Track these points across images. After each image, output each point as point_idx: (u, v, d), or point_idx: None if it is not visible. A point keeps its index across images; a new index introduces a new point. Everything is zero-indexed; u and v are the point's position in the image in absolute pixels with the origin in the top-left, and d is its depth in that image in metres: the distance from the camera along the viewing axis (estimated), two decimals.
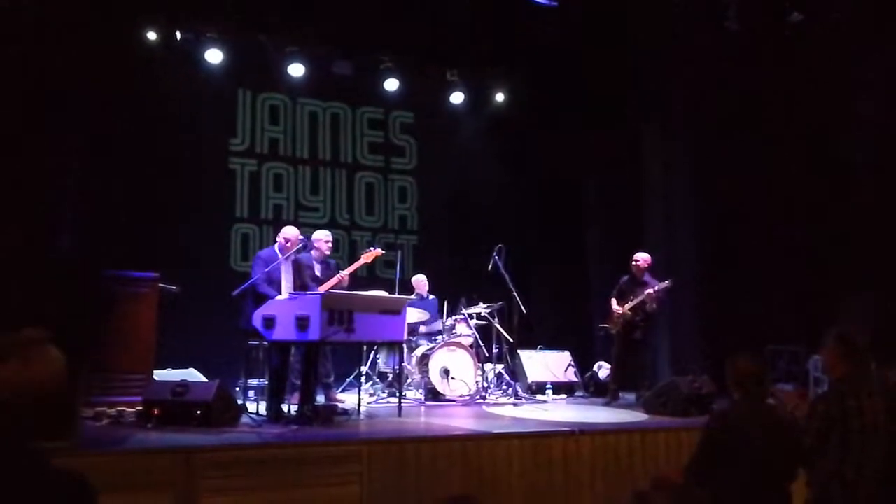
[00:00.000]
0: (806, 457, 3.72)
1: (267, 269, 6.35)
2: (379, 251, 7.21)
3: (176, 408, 5.46)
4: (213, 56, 9.11)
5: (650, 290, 7.67)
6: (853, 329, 4.10)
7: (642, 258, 7.94)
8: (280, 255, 6.51)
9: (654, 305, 7.74)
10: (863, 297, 7.59)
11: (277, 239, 6.76)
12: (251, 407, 6.47)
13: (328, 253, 7.03)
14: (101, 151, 8.15)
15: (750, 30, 8.25)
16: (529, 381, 8.65)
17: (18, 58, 6.68)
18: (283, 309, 5.91)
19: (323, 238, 7.01)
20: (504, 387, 8.29)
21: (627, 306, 7.81)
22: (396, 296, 7.26)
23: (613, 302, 7.96)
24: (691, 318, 9.06)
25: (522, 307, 7.91)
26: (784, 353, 8.30)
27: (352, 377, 8.21)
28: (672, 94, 9.43)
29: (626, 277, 8.04)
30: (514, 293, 7.86)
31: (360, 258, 7.06)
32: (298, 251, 6.68)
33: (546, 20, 8.99)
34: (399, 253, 8.82)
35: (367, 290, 6.89)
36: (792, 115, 8.24)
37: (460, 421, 6.55)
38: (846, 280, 7.90)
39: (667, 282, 7.72)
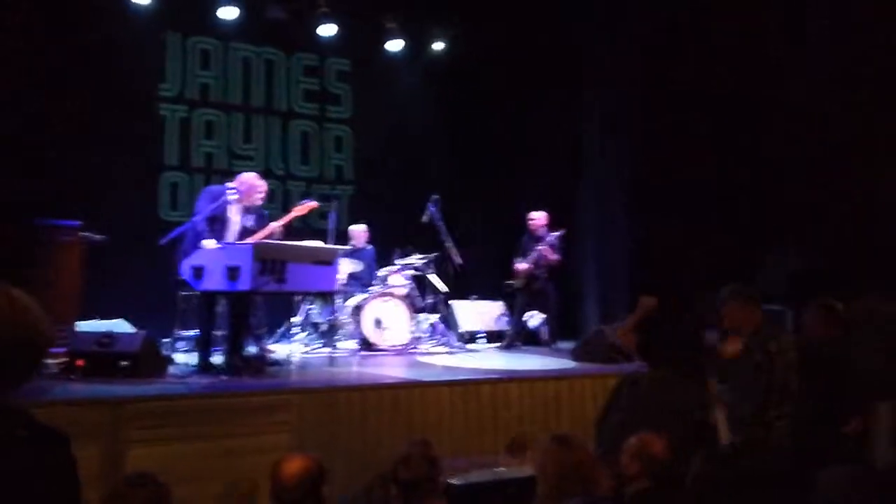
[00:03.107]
0: (702, 438, 3.77)
1: (213, 206, 6.13)
2: (313, 204, 7.02)
3: (101, 359, 5.39)
4: None
5: (545, 245, 8.27)
6: (746, 283, 4.36)
7: (537, 216, 8.51)
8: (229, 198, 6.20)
9: (555, 256, 8.30)
10: (782, 247, 7.87)
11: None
12: (183, 358, 6.42)
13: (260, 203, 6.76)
14: (22, 95, 7.83)
15: None
16: (462, 330, 8.78)
17: None
18: (213, 258, 5.83)
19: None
20: (438, 336, 8.40)
21: (529, 260, 8.31)
22: (329, 246, 7.19)
23: (517, 260, 8.42)
24: (620, 267, 9.25)
25: (456, 258, 7.97)
26: (707, 300, 8.56)
27: (284, 327, 8.18)
28: (613, 45, 9.45)
29: (525, 236, 8.58)
30: (448, 244, 7.90)
31: (291, 210, 6.90)
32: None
33: None
34: (335, 203, 8.73)
35: (302, 241, 6.78)
36: (732, 68, 8.29)
37: (392, 370, 6.62)
38: (769, 229, 8.14)
39: (560, 231, 8.38)
